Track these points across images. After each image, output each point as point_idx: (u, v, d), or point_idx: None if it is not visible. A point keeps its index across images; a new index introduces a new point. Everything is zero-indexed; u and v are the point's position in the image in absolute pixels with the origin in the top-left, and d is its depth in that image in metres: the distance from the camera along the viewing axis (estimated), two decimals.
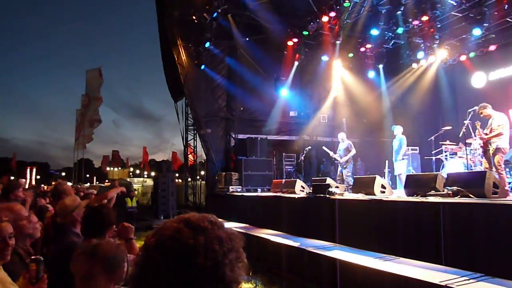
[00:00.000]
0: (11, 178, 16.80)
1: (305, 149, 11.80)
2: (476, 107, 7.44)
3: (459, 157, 9.24)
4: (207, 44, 13.02)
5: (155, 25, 14.73)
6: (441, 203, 4.92)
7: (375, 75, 14.82)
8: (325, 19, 12.15)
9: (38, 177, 28.63)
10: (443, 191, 5.59)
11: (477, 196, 5.07)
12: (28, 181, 21.91)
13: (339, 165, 10.71)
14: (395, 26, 12.17)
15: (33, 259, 2.05)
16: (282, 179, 11.19)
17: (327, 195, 7.01)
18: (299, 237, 7.24)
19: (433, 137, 10.06)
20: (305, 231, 7.37)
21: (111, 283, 1.87)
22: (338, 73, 14.72)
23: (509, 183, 7.25)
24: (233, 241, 0.94)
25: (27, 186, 15.90)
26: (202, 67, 13.76)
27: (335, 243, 6.38)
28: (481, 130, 7.23)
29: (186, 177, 18.18)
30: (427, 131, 11.77)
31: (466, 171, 7.71)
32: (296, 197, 8.17)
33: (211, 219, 0.95)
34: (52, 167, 61.96)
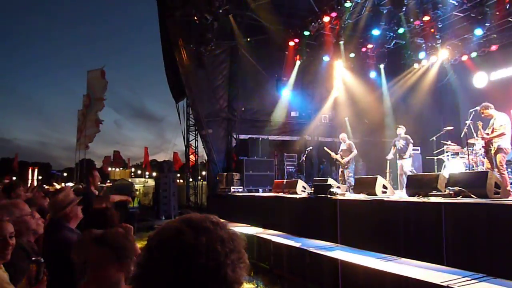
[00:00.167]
0: (13, 178, 16.83)
1: (307, 149, 11.80)
2: (477, 107, 7.43)
3: (461, 157, 9.22)
4: (208, 44, 13.02)
5: (157, 26, 14.74)
6: (443, 204, 4.92)
7: (377, 75, 14.82)
8: (326, 19, 12.16)
9: (40, 177, 28.67)
10: (445, 191, 5.58)
11: (478, 196, 5.06)
12: (30, 181, 21.94)
13: (340, 165, 10.70)
14: (396, 26, 12.17)
15: (33, 261, 2.05)
16: (283, 179, 11.20)
17: (329, 196, 7.01)
18: (301, 237, 7.24)
19: (434, 137, 10.03)
20: (306, 231, 7.37)
21: (121, 272, 1.83)
22: (339, 73, 14.70)
23: (511, 183, 7.22)
24: (234, 242, 0.94)
25: (29, 186, 15.93)
26: (203, 67, 13.77)
27: (337, 243, 6.38)
28: (483, 130, 7.22)
29: (187, 178, 18.16)
30: (428, 131, 11.74)
31: (467, 171, 7.68)
32: (297, 197, 8.17)
33: (213, 219, 0.95)
34: (54, 167, 62.09)
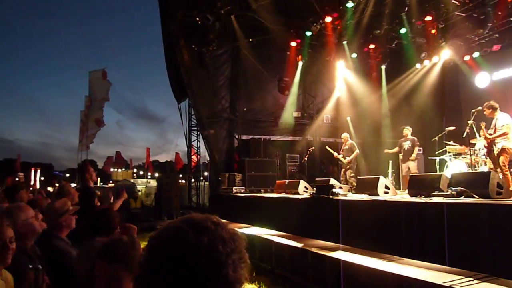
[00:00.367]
0: (17, 179, 16.87)
1: (309, 149, 11.79)
2: (480, 107, 7.42)
3: (463, 158, 9.20)
4: (210, 45, 13.03)
5: (159, 27, 14.76)
6: (445, 204, 4.90)
7: (378, 75, 14.79)
8: (328, 19, 12.17)
9: (42, 178, 28.74)
10: (447, 191, 5.58)
11: (481, 196, 5.05)
12: (32, 182, 22.02)
13: (342, 165, 10.69)
14: (398, 26, 12.15)
15: (31, 268, 2.04)
16: (285, 180, 11.17)
17: (331, 196, 7.01)
18: (303, 237, 7.24)
19: (436, 137, 10.01)
20: (308, 231, 7.37)
21: (132, 282, 1.81)
22: (341, 74, 14.69)
23: None
24: (236, 242, 0.94)
25: (31, 187, 16.00)
26: (205, 68, 13.78)
27: (339, 243, 6.37)
28: (486, 130, 7.21)
29: (189, 178, 18.16)
30: (430, 131, 11.71)
31: (470, 172, 7.66)
32: (299, 197, 8.17)
33: (214, 219, 0.95)
34: (56, 168, 62.27)
